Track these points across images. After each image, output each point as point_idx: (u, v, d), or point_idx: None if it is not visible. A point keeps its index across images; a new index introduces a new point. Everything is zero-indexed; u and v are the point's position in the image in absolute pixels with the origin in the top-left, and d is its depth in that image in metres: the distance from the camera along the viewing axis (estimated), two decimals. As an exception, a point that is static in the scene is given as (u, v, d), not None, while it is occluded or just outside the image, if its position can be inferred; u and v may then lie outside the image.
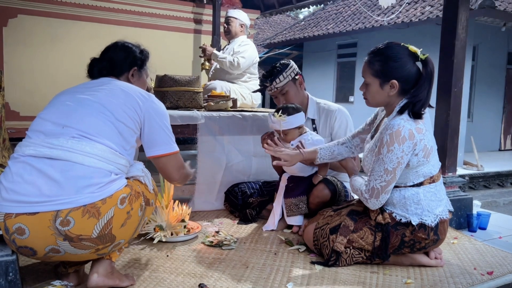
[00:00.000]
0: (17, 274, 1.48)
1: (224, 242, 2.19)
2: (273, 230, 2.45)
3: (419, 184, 1.90)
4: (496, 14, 8.58)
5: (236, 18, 3.88)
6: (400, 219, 1.90)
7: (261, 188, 2.75)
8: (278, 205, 2.48)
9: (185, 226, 2.29)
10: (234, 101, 3.20)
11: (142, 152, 1.71)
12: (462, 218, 2.73)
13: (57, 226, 1.38)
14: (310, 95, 2.73)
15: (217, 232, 2.36)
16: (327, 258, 1.95)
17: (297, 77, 2.60)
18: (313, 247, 2.06)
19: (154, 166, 1.74)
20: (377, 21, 10.21)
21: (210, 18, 5.18)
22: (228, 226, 2.53)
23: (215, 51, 3.80)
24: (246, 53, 3.70)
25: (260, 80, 2.67)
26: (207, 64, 4.00)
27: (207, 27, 5.21)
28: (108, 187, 1.46)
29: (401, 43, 1.93)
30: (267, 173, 2.92)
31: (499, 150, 11.02)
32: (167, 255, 2.03)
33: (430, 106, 1.92)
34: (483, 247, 2.31)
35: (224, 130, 2.86)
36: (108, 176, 1.48)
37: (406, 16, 9.62)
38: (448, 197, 2.04)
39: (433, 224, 1.89)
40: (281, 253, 2.10)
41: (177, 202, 2.37)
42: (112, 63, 1.76)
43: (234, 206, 2.74)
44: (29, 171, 1.43)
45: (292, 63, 2.61)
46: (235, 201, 2.72)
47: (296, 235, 2.37)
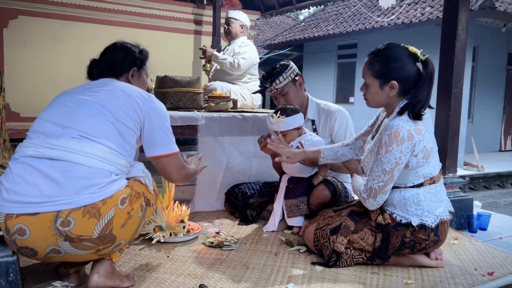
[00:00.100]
0: (17, 275, 1.48)
1: (225, 243, 2.19)
2: (274, 231, 2.45)
3: (419, 185, 1.90)
4: (496, 15, 8.59)
5: (236, 19, 3.88)
6: (401, 220, 1.90)
7: (262, 189, 2.75)
8: (278, 206, 2.48)
9: (184, 227, 2.29)
10: (234, 102, 3.21)
11: (143, 152, 1.71)
12: (463, 218, 2.73)
13: (58, 227, 1.38)
14: (310, 96, 2.73)
15: (217, 233, 2.36)
16: (328, 258, 1.95)
17: (297, 78, 2.61)
18: (314, 247, 2.06)
19: (154, 167, 1.74)
20: (377, 22, 10.21)
21: (210, 19, 5.17)
22: (229, 227, 2.53)
23: (215, 52, 3.81)
24: (246, 54, 3.70)
25: (260, 81, 2.67)
26: (209, 65, 4.01)
27: (207, 28, 5.21)
28: (108, 188, 1.46)
29: (401, 44, 1.93)
30: (268, 174, 2.92)
31: (500, 150, 11.02)
32: (168, 256, 2.03)
33: (430, 107, 1.92)
34: (483, 248, 2.31)
35: (225, 131, 2.86)
36: (109, 176, 1.48)
37: (406, 17, 9.62)
38: (449, 198, 2.04)
39: (433, 225, 1.89)
40: (282, 254, 2.10)
41: (177, 203, 2.37)
42: (112, 64, 1.75)
43: (235, 207, 2.74)
44: (29, 172, 1.43)
45: (292, 64, 2.61)
46: (236, 202, 2.72)
47: (297, 236, 2.37)
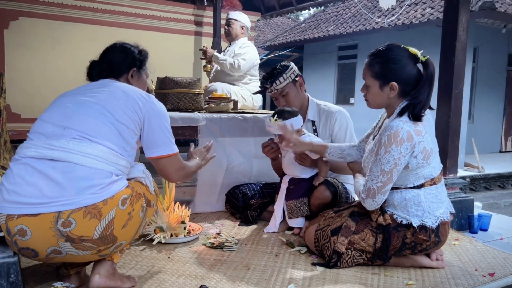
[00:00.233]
0: (18, 276, 1.48)
1: (225, 244, 2.19)
2: (274, 232, 2.44)
3: (420, 186, 1.90)
4: (496, 16, 8.59)
5: (236, 20, 3.88)
6: (401, 221, 1.90)
7: (262, 190, 2.75)
8: (279, 207, 2.48)
9: (185, 228, 2.29)
10: (235, 103, 3.21)
11: (143, 153, 1.71)
12: (463, 219, 2.73)
13: (59, 227, 1.38)
14: (310, 96, 2.74)
15: (218, 233, 2.36)
16: (328, 259, 1.94)
17: (297, 79, 2.61)
18: (314, 248, 2.06)
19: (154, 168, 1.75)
20: (377, 23, 10.21)
21: (210, 20, 5.18)
22: (229, 228, 2.53)
23: (215, 53, 3.81)
24: (246, 55, 3.70)
25: (260, 82, 2.67)
26: (209, 66, 4.01)
27: (208, 29, 5.21)
28: (109, 188, 1.46)
29: (401, 45, 1.93)
30: (268, 175, 2.92)
31: (500, 151, 11.02)
32: (168, 257, 2.03)
33: (430, 108, 1.93)
34: (484, 249, 2.31)
35: (225, 131, 2.86)
36: (109, 177, 1.48)
37: (407, 18, 9.63)
38: (449, 199, 2.04)
39: (434, 226, 1.88)
40: (282, 255, 2.10)
41: (178, 203, 2.37)
42: (111, 65, 1.75)
43: (235, 208, 2.74)
44: (30, 173, 1.43)
45: (292, 65, 2.61)
46: (236, 203, 2.72)
47: (297, 237, 2.37)
